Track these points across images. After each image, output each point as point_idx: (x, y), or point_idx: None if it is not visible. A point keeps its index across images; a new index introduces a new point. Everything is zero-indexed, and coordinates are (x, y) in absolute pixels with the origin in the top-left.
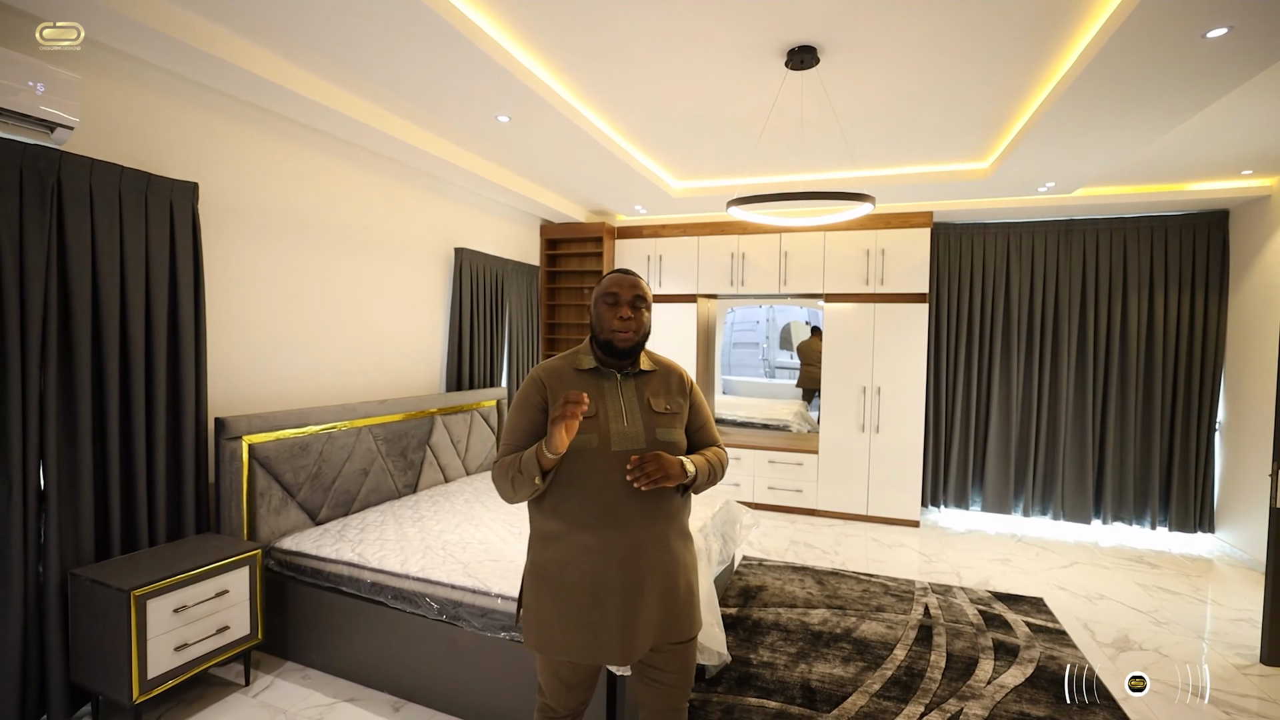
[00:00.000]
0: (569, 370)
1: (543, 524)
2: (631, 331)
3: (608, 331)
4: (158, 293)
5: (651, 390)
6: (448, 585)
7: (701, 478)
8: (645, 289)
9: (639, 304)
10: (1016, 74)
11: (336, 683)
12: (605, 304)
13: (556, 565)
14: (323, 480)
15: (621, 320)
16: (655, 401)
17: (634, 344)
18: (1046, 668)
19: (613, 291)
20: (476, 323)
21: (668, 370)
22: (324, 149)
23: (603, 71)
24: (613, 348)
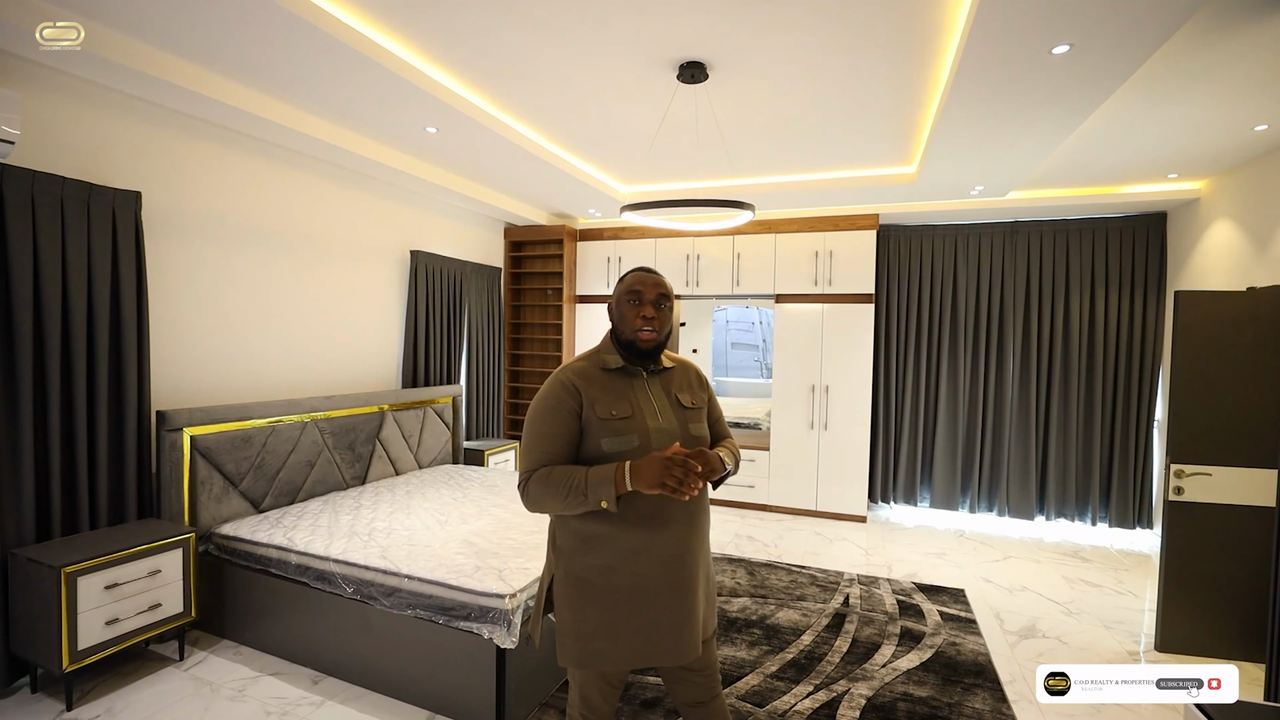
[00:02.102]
0: (596, 371)
1: (583, 529)
2: (655, 331)
3: (630, 332)
4: (100, 295)
5: (677, 386)
6: (361, 566)
7: (732, 469)
8: (669, 286)
9: (662, 303)
10: (900, 86)
11: (264, 658)
12: (628, 303)
13: (601, 572)
14: (266, 471)
15: (644, 320)
16: (683, 397)
17: (657, 344)
18: (944, 653)
19: (636, 289)
20: (433, 323)
21: (684, 366)
22: (271, 157)
23: (518, 87)
24: (635, 348)
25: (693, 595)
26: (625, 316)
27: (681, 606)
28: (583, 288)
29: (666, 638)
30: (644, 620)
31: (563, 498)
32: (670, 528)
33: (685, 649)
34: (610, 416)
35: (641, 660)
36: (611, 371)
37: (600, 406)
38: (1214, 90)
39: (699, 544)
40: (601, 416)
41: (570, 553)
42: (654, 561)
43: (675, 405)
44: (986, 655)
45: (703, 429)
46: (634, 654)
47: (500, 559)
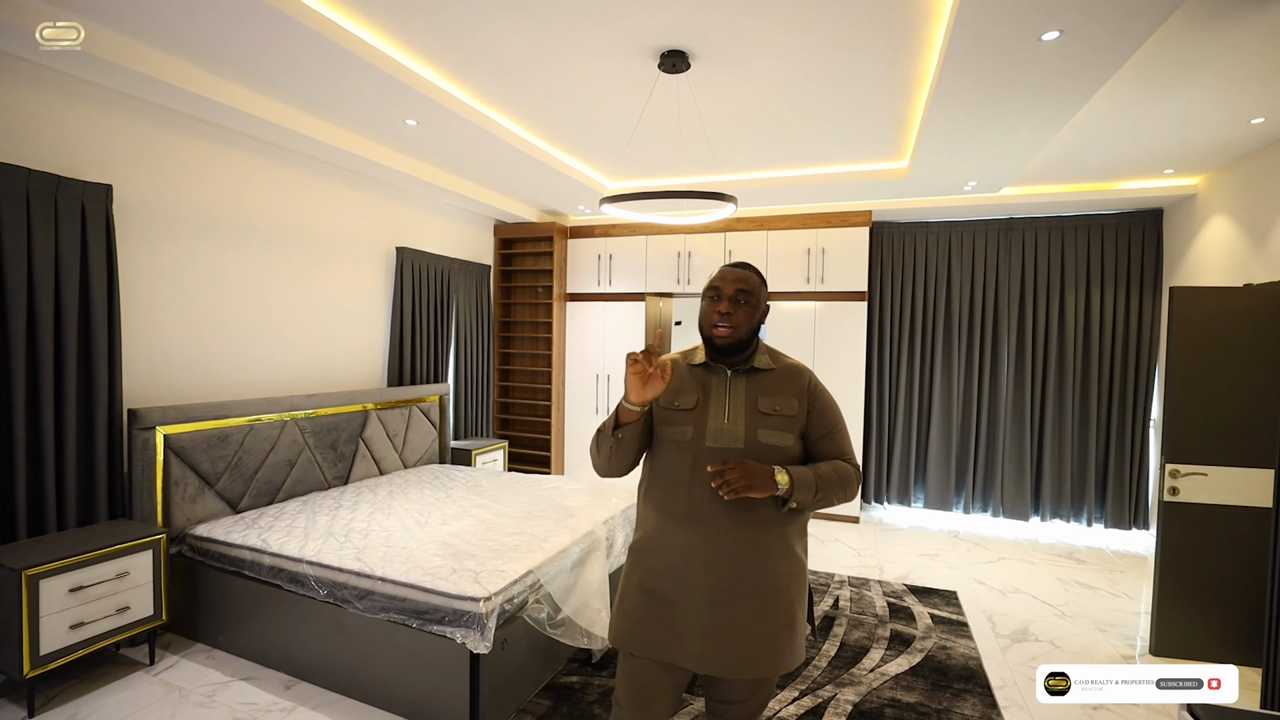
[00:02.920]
0: (683, 363)
1: (640, 508)
2: (730, 327)
3: (708, 327)
4: (68, 290)
5: (764, 390)
6: (335, 568)
7: (801, 492)
8: (753, 281)
9: (741, 298)
10: (888, 78)
11: (237, 662)
12: (707, 297)
13: (647, 552)
14: (244, 470)
15: (720, 315)
16: (764, 402)
17: (734, 341)
18: (934, 657)
19: (715, 285)
20: (420, 320)
21: (791, 371)
22: (250, 150)
23: (496, 77)
24: (712, 344)
25: (733, 608)
26: (704, 311)
27: (716, 615)
28: (574, 285)
29: (695, 642)
30: (674, 614)
31: (598, 442)
32: (709, 528)
33: (712, 660)
34: (672, 406)
35: (659, 653)
36: (696, 366)
37: (666, 395)
38: (1209, 82)
39: (746, 554)
40: (663, 405)
41: (635, 531)
42: (691, 558)
43: (750, 409)
44: (977, 659)
45: (778, 438)
46: (658, 645)
47: (478, 561)
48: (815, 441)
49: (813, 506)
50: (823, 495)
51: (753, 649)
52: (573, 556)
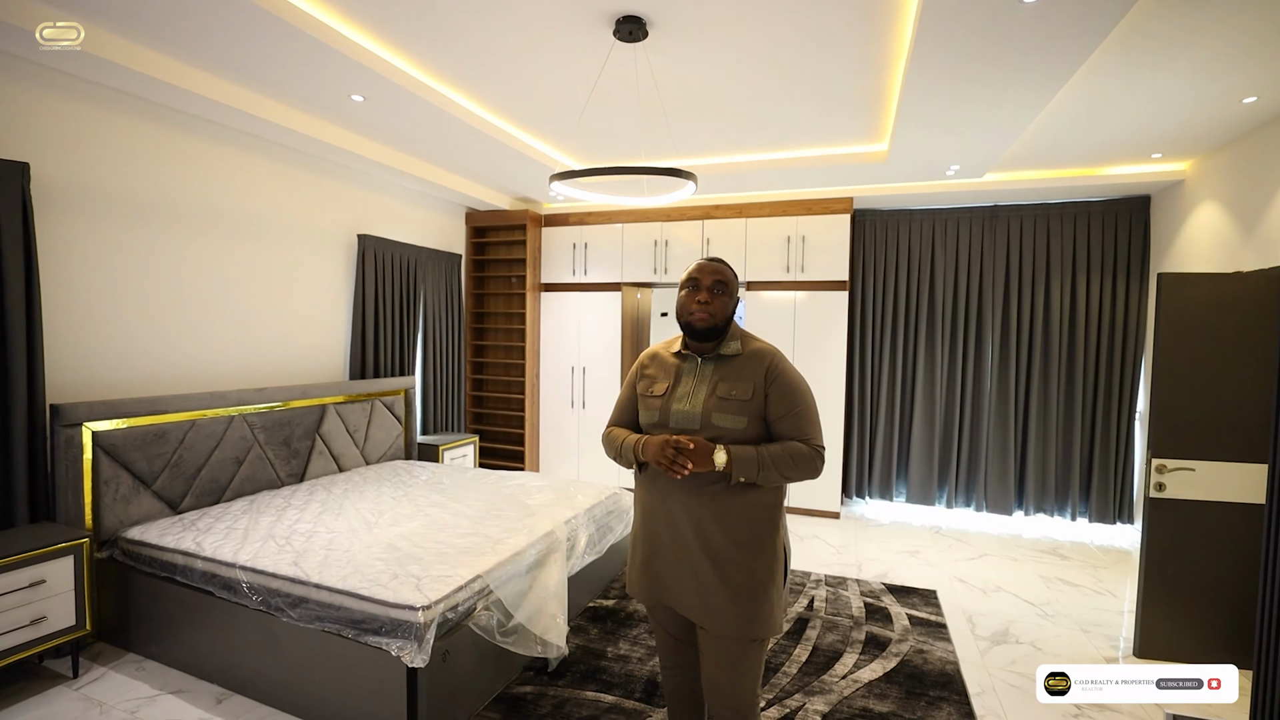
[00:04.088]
0: (666, 353)
1: (638, 477)
2: (708, 314)
3: (685, 314)
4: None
5: (725, 375)
6: (269, 574)
7: (742, 468)
8: (727, 274)
9: (718, 289)
10: (861, 48)
11: (168, 674)
12: (686, 288)
13: (639, 514)
14: (184, 469)
15: (699, 304)
16: (723, 387)
17: (710, 326)
18: (910, 661)
19: (694, 276)
20: (384, 311)
21: (754, 356)
22: (191, 130)
23: (446, 50)
24: (692, 329)
25: (687, 565)
26: (682, 301)
27: (684, 568)
28: (548, 275)
29: (672, 587)
30: (655, 565)
31: (616, 454)
32: (669, 499)
33: (684, 603)
34: (647, 393)
35: (656, 598)
36: (677, 354)
37: (645, 383)
38: (1198, 58)
39: (691, 524)
40: (641, 392)
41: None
42: (658, 520)
43: (710, 393)
44: (955, 664)
45: (731, 420)
46: (647, 592)
47: (423, 565)
48: (774, 422)
49: (764, 481)
50: (770, 472)
51: (717, 606)
52: (529, 559)
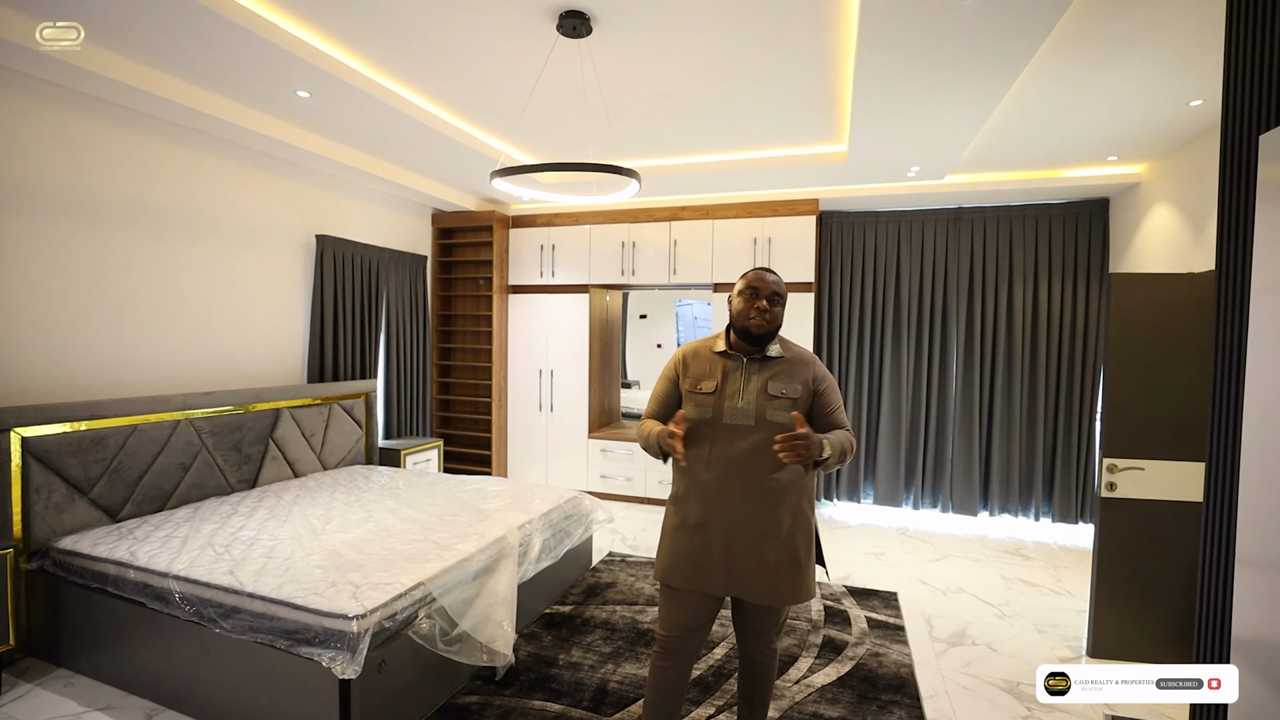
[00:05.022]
0: (707, 351)
1: (675, 469)
2: (766, 321)
3: (744, 319)
4: None
5: (774, 375)
6: (203, 583)
7: (833, 457)
8: (783, 288)
9: (775, 300)
10: (811, 45)
11: (98, 689)
12: (745, 296)
13: (681, 503)
14: (125, 476)
15: (758, 311)
16: (774, 386)
17: (766, 331)
18: (865, 665)
19: (754, 285)
20: (344, 313)
21: (799, 360)
22: (135, 126)
23: (389, 43)
24: (748, 334)
25: (743, 546)
26: (741, 307)
27: (736, 551)
28: (516, 277)
29: (720, 573)
30: (698, 552)
31: (645, 445)
32: (730, 484)
33: (731, 586)
34: (696, 389)
35: (693, 584)
36: (717, 353)
37: (692, 379)
38: (1143, 60)
39: (749, 505)
40: (688, 388)
41: (673, 480)
42: (715, 508)
43: (762, 391)
44: (910, 667)
45: (783, 417)
46: (688, 578)
47: (363, 573)
48: (823, 416)
49: (834, 467)
50: (842, 457)
51: (764, 581)
52: (476, 565)
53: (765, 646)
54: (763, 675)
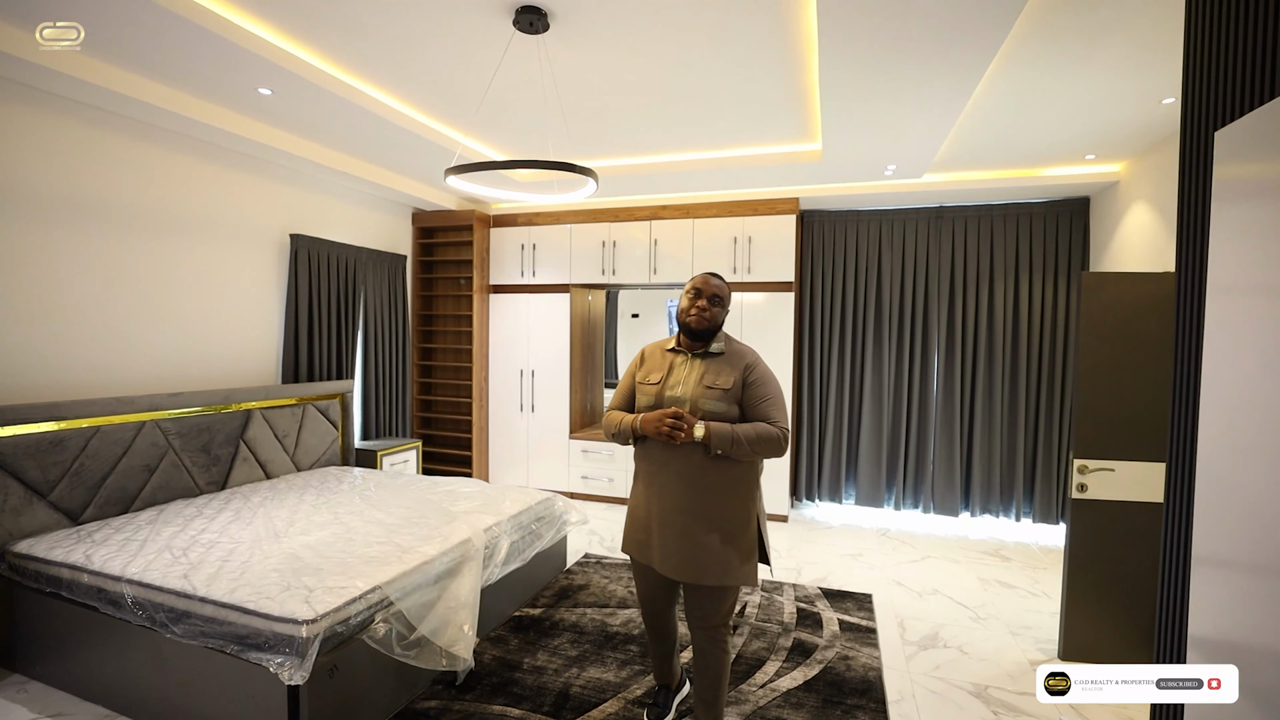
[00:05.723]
0: (660, 349)
1: (636, 450)
2: (702, 319)
3: (685, 315)
4: None
5: (711, 369)
6: (156, 588)
7: (718, 441)
8: (724, 290)
9: (715, 301)
10: (772, 45)
11: (52, 695)
12: (688, 295)
13: (635, 483)
14: (87, 478)
15: (698, 309)
16: (708, 378)
17: (704, 328)
18: (833, 668)
19: (698, 287)
20: (320, 313)
21: (737, 355)
22: (99, 124)
23: (351, 41)
24: (689, 329)
25: (673, 527)
26: (684, 305)
27: (663, 531)
28: (496, 277)
29: (656, 551)
30: (647, 527)
31: (615, 431)
32: (663, 471)
33: (666, 564)
34: (645, 380)
35: (644, 557)
36: (670, 350)
37: (643, 372)
38: (1113, 55)
39: (682, 489)
40: (639, 380)
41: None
42: (650, 488)
43: (698, 383)
44: (878, 671)
45: (715, 405)
46: (639, 550)
47: (320, 576)
48: (749, 408)
49: (736, 454)
50: (741, 446)
51: (696, 560)
52: (438, 568)
53: (709, 634)
54: (712, 672)
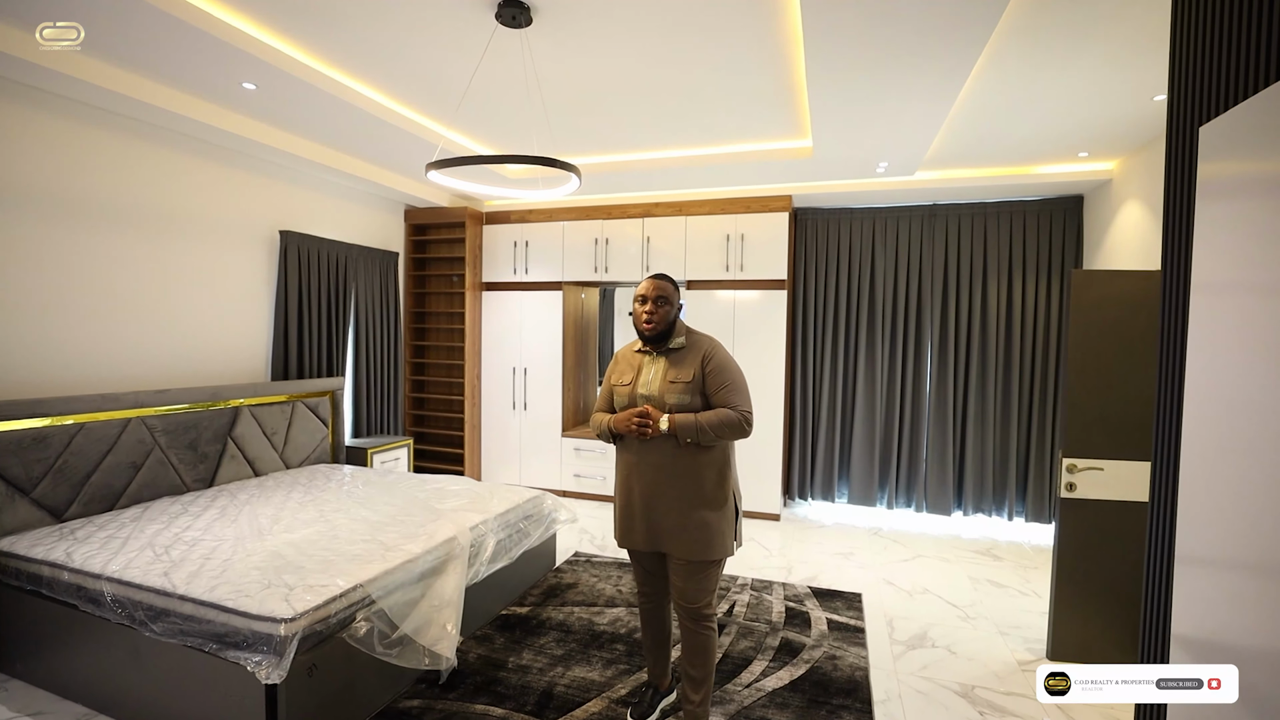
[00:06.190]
0: (629, 351)
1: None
2: (655, 322)
3: (638, 323)
4: None
5: (673, 364)
6: (136, 585)
7: (684, 431)
8: (668, 289)
9: (661, 302)
10: (758, 40)
11: (33, 694)
12: (637, 303)
13: (618, 475)
14: (71, 475)
15: (646, 314)
16: (672, 373)
17: (657, 331)
18: (820, 668)
19: (641, 294)
20: (310, 310)
21: (695, 347)
22: (77, 117)
23: (334, 35)
24: (643, 334)
25: (654, 508)
26: (636, 312)
27: (646, 512)
28: (489, 274)
29: (640, 533)
30: (630, 512)
31: (599, 432)
32: (645, 459)
33: (650, 542)
34: (619, 383)
35: (629, 541)
36: (638, 351)
37: (616, 374)
38: (1105, 50)
39: (656, 475)
40: (614, 381)
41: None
42: (630, 476)
43: (664, 379)
44: (865, 670)
45: (680, 398)
46: (625, 534)
47: (301, 575)
48: (711, 395)
49: (703, 440)
50: (705, 433)
51: (673, 537)
52: (422, 566)
53: (695, 614)
54: (700, 648)
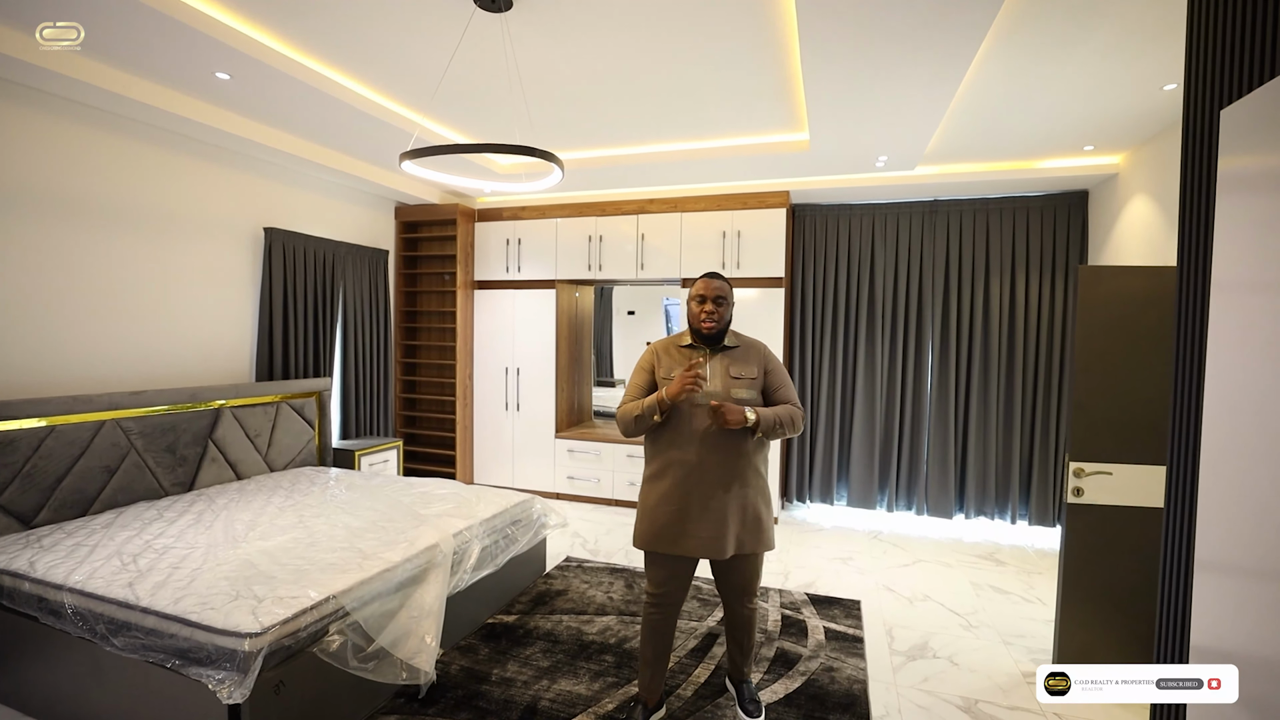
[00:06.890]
0: (674, 346)
1: (649, 449)
2: (714, 321)
3: (697, 321)
4: None
5: (732, 361)
6: (98, 597)
7: (765, 424)
8: (726, 290)
9: (720, 302)
10: (751, 30)
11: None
12: (695, 302)
13: (658, 479)
14: (39, 480)
15: (707, 314)
16: (734, 369)
17: (717, 330)
18: (816, 681)
19: (700, 293)
20: (295, 309)
21: (751, 347)
22: (49, 109)
23: (309, 23)
24: (703, 335)
25: (722, 509)
26: (694, 311)
27: (711, 514)
28: (481, 272)
29: (695, 537)
30: (676, 520)
31: (634, 419)
32: (710, 457)
33: (703, 546)
34: (668, 377)
35: (672, 548)
36: (684, 347)
37: (663, 368)
38: (1110, 39)
39: (727, 472)
40: (661, 377)
41: (646, 464)
42: (692, 480)
43: (725, 374)
44: (864, 683)
45: (745, 394)
46: (668, 543)
47: (272, 585)
48: (772, 392)
49: (772, 435)
50: (781, 428)
51: (734, 535)
52: (401, 575)
53: (748, 600)
54: (747, 624)
